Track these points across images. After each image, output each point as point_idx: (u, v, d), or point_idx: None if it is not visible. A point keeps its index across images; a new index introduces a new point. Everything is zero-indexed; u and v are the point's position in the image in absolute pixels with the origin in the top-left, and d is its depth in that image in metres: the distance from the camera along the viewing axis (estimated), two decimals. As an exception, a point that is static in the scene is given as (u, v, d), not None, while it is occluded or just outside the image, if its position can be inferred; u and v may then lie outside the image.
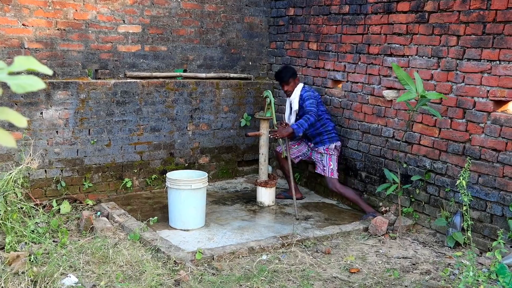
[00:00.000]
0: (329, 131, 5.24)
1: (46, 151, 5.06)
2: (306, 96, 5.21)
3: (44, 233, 4.22)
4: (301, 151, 5.47)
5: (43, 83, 1.10)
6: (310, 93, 5.24)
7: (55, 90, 5.04)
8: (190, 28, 5.91)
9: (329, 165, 5.23)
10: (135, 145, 5.62)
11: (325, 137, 5.24)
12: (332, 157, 5.23)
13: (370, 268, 3.86)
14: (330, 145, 5.22)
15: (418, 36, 4.61)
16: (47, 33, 5.02)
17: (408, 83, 4.14)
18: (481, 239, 4.17)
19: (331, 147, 5.22)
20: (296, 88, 5.34)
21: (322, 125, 5.24)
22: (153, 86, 5.63)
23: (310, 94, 5.23)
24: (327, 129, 5.24)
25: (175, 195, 4.63)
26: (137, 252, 3.90)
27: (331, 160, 5.23)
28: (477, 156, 4.18)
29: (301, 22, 6.02)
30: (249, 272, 3.72)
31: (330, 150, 5.22)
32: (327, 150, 5.23)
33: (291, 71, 5.35)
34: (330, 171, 5.22)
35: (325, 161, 5.24)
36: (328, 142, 5.23)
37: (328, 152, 5.23)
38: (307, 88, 5.32)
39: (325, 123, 5.24)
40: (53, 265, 3.60)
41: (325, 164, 5.24)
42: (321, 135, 5.25)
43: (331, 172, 5.22)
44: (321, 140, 5.26)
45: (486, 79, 4.07)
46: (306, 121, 5.04)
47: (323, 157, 5.26)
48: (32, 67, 1.10)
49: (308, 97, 5.19)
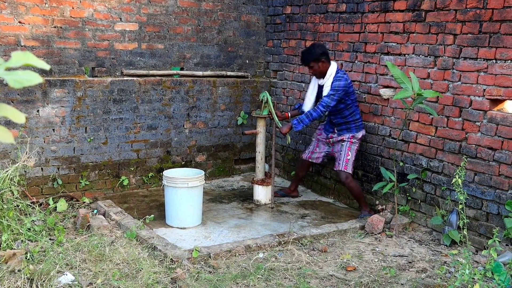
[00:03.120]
0: (357, 120, 4.97)
1: (43, 149, 5.05)
2: (334, 85, 4.81)
3: (40, 231, 4.21)
4: (323, 150, 5.24)
5: (41, 78, 1.10)
6: (341, 83, 4.80)
7: (52, 88, 5.02)
8: (187, 26, 5.90)
9: (346, 154, 4.96)
10: (131, 143, 5.61)
11: (352, 125, 4.97)
12: (352, 147, 4.96)
13: (367, 266, 3.87)
14: (356, 133, 4.97)
15: (414, 34, 4.62)
16: (43, 31, 5.00)
17: (404, 81, 4.15)
18: (477, 237, 4.19)
19: (358, 135, 4.97)
20: (328, 72, 4.89)
21: (351, 113, 4.94)
22: (150, 84, 5.62)
23: (340, 85, 4.79)
24: (355, 118, 4.96)
25: (171, 193, 4.62)
26: (134, 250, 3.89)
27: (350, 150, 4.96)
28: (473, 154, 4.19)
29: (298, 20, 6.02)
30: (245, 270, 3.72)
31: (354, 138, 4.96)
32: (352, 138, 4.96)
33: (314, 53, 4.88)
34: (344, 164, 4.96)
35: (344, 151, 4.98)
36: (355, 130, 4.97)
37: (351, 141, 4.96)
38: (340, 76, 4.84)
39: (353, 111, 4.95)
40: (49, 263, 3.59)
41: (343, 154, 4.97)
42: (348, 124, 4.97)
43: (345, 166, 4.95)
44: (347, 128, 4.98)
45: (483, 78, 4.08)
46: (308, 116, 4.89)
47: (343, 146, 4.99)
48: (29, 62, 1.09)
49: (336, 87, 4.79)
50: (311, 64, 4.92)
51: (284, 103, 6.34)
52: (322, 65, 4.89)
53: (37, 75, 1.09)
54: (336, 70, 4.89)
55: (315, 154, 5.29)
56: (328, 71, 4.90)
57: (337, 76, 4.84)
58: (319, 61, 4.88)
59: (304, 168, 5.47)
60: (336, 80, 4.82)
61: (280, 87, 6.40)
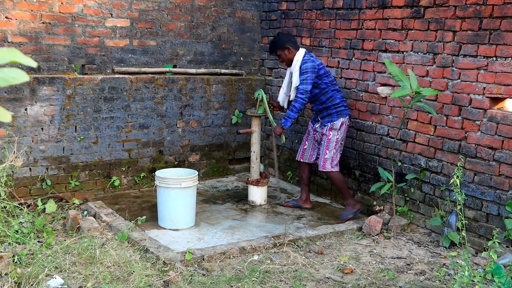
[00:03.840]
0: (337, 105, 4.90)
1: (31, 148, 5.02)
2: (302, 68, 4.82)
3: (28, 233, 4.19)
4: (315, 147, 5.15)
5: (27, 76, 1.09)
6: (308, 64, 4.81)
7: (40, 86, 5.00)
8: (180, 23, 5.88)
9: (324, 153, 4.92)
10: (123, 143, 5.59)
11: (333, 111, 4.90)
12: (332, 139, 4.88)
13: (364, 269, 3.87)
14: (336, 121, 4.89)
15: (413, 31, 4.63)
16: (31, 27, 4.97)
17: (402, 79, 4.16)
18: (477, 239, 4.20)
19: (337, 123, 4.89)
20: (295, 58, 4.92)
21: (328, 98, 4.89)
22: (142, 82, 5.60)
23: (308, 67, 4.79)
24: (334, 102, 4.89)
25: (164, 194, 4.61)
26: (125, 253, 3.88)
27: (328, 147, 4.89)
28: (473, 154, 4.20)
29: (294, 16, 6.02)
30: (240, 272, 3.72)
31: (333, 130, 4.89)
32: (330, 130, 4.89)
33: (279, 41, 4.97)
34: (322, 164, 4.92)
35: (322, 148, 4.94)
36: (336, 117, 4.89)
37: (329, 133, 4.88)
38: (306, 58, 4.87)
39: (331, 96, 4.88)
40: (38, 266, 3.57)
41: (322, 151, 4.94)
42: (328, 109, 4.91)
43: (323, 166, 4.92)
44: (328, 114, 4.92)
45: (483, 76, 4.09)
46: (292, 109, 4.84)
47: (323, 141, 4.94)
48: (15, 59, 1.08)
49: (304, 70, 4.80)
50: (278, 53, 5.03)
51: (280, 101, 6.32)
52: (288, 52, 4.97)
53: (24, 73, 1.08)
54: (303, 55, 4.92)
55: (307, 152, 5.20)
56: (295, 57, 4.95)
57: (304, 60, 4.88)
58: (285, 49, 4.97)
59: (302, 169, 5.32)
60: (303, 63, 4.86)
61: (275, 85, 6.39)
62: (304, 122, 5.95)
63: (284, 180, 6.28)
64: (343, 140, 5.04)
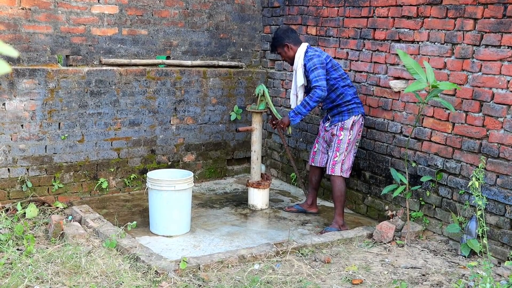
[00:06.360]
0: (348, 102, 4.83)
1: (10, 147, 5.02)
2: (309, 66, 4.74)
3: (6, 241, 4.19)
4: (325, 149, 5.10)
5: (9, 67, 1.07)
6: (314, 60, 4.74)
7: (20, 78, 4.99)
8: (174, 10, 5.88)
9: (334, 156, 4.85)
10: (111, 141, 5.59)
11: (344, 109, 4.84)
12: (343, 140, 4.82)
13: (375, 279, 3.87)
14: (347, 120, 4.83)
15: (429, 19, 4.62)
16: (9, 13, 4.97)
17: (417, 72, 4.15)
18: (499, 247, 4.20)
19: (348, 123, 4.82)
20: (296, 55, 4.90)
21: (339, 95, 4.84)
22: (132, 74, 5.60)
23: (315, 62, 4.72)
24: (345, 99, 4.83)
25: (156, 197, 4.61)
26: (114, 261, 3.88)
27: (338, 149, 4.82)
28: (495, 154, 4.20)
29: (298, 3, 6.01)
30: (239, 283, 3.72)
31: (344, 130, 4.83)
32: (341, 130, 4.83)
33: (277, 38, 4.96)
34: (331, 167, 4.87)
35: (332, 150, 4.88)
36: (347, 115, 4.83)
37: (340, 133, 4.83)
38: (311, 54, 4.81)
39: (342, 93, 4.83)
40: (16, 276, 3.57)
41: (331, 154, 4.87)
42: (339, 107, 4.86)
43: (332, 169, 4.86)
44: (339, 112, 4.86)
45: (506, 68, 4.08)
46: (305, 105, 4.76)
47: (333, 143, 4.89)
48: (-7, 47, 1.07)
49: (313, 67, 4.71)
50: (279, 51, 5.04)
51: (283, 96, 6.33)
52: (288, 49, 4.96)
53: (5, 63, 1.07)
54: (305, 51, 4.87)
55: (317, 155, 5.17)
56: (296, 54, 4.92)
57: (307, 56, 4.82)
58: (284, 46, 4.96)
59: (313, 172, 5.29)
60: (309, 60, 4.79)
61: (278, 79, 6.39)
62: (309, 119, 5.95)
63: (288, 182, 6.27)
64: (357, 141, 4.98)
